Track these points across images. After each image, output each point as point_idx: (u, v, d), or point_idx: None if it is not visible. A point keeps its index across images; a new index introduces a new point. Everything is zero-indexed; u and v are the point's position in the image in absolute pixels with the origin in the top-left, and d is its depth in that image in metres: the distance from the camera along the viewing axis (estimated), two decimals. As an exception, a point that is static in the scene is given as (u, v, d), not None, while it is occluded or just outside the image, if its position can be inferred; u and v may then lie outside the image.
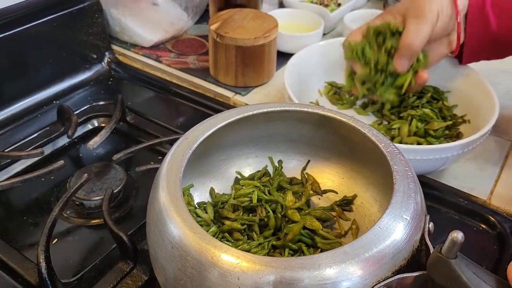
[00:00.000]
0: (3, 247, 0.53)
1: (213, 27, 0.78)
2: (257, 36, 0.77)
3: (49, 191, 0.62)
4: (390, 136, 0.66)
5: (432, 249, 0.36)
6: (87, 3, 0.81)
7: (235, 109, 0.49)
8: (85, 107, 0.75)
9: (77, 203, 0.59)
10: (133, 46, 0.92)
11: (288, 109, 0.50)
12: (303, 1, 1.04)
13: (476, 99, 0.67)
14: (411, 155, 0.56)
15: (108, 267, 0.51)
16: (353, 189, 0.53)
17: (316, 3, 1.03)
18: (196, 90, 0.82)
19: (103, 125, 0.73)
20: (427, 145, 0.63)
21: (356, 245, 0.34)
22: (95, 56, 0.85)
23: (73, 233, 0.57)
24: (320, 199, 0.54)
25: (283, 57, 0.85)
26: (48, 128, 0.71)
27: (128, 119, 0.73)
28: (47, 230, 0.50)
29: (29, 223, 0.58)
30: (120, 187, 0.60)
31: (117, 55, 0.89)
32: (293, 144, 0.56)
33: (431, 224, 0.39)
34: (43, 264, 0.47)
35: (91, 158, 0.68)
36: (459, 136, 0.66)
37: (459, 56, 0.68)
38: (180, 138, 0.46)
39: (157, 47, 0.92)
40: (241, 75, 0.80)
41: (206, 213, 0.50)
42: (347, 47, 0.65)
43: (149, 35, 0.91)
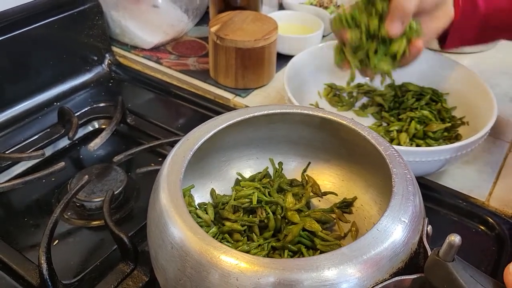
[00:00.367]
0: (4, 248, 0.53)
1: (213, 29, 0.79)
2: (257, 38, 0.77)
3: (50, 193, 0.62)
4: (389, 138, 0.66)
5: (430, 252, 0.36)
6: (87, 5, 0.81)
7: (236, 111, 0.50)
8: (86, 109, 0.76)
9: (78, 204, 0.59)
10: (133, 48, 0.92)
11: (288, 111, 0.50)
12: (303, 3, 1.04)
13: (474, 101, 0.68)
14: (410, 157, 0.56)
15: (108, 268, 0.51)
16: (353, 191, 0.53)
17: (315, 5, 1.03)
18: (196, 92, 0.82)
19: (104, 126, 0.73)
20: (426, 147, 0.63)
21: (354, 247, 0.34)
22: (96, 58, 0.85)
23: (74, 235, 0.57)
24: (320, 201, 0.55)
25: (283, 59, 0.85)
26: (49, 129, 0.71)
27: (128, 121, 0.73)
28: (48, 231, 0.50)
29: (30, 224, 0.58)
30: (120, 189, 0.60)
31: (117, 57, 0.89)
32: (293, 146, 0.56)
33: (429, 227, 0.39)
34: (44, 265, 0.48)
35: (91, 159, 0.68)
36: (458, 138, 0.66)
37: (442, 39, 0.65)
38: (181, 139, 0.46)
39: (157, 49, 0.93)
40: (241, 77, 0.81)
41: (206, 214, 0.50)
42: (336, 19, 0.61)
43: (150, 37, 0.91)
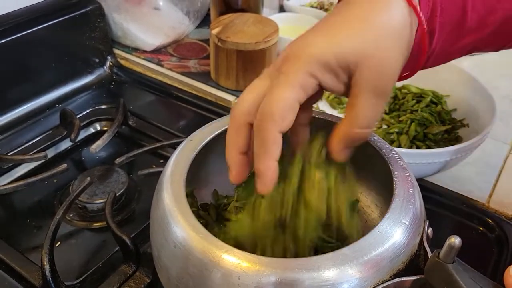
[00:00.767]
0: (7, 250, 0.53)
1: (214, 31, 0.79)
2: (258, 40, 0.78)
3: (52, 195, 0.62)
4: (389, 140, 0.66)
5: (430, 254, 0.36)
6: (89, 8, 0.82)
7: None
8: (88, 111, 0.76)
9: (80, 206, 0.59)
10: (135, 50, 0.93)
11: None
12: (304, 5, 1.05)
13: (474, 103, 0.68)
14: (410, 159, 0.56)
15: (111, 270, 0.51)
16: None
17: (316, 8, 1.04)
18: (197, 94, 0.83)
19: (105, 128, 0.74)
20: (426, 149, 0.63)
21: (355, 248, 0.35)
22: (97, 60, 0.86)
23: (76, 236, 0.57)
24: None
25: (284, 61, 0.85)
26: (51, 131, 0.71)
27: (130, 122, 0.73)
28: (51, 233, 0.51)
29: (32, 226, 0.58)
30: (122, 191, 0.60)
31: (119, 59, 0.90)
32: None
33: (430, 229, 0.39)
34: (47, 266, 0.48)
35: (93, 161, 0.68)
36: (458, 140, 0.67)
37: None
38: (184, 140, 0.46)
39: (158, 51, 0.93)
40: (242, 79, 0.81)
41: (208, 214, 0.50)
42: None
43: (151, 39, 0.92)
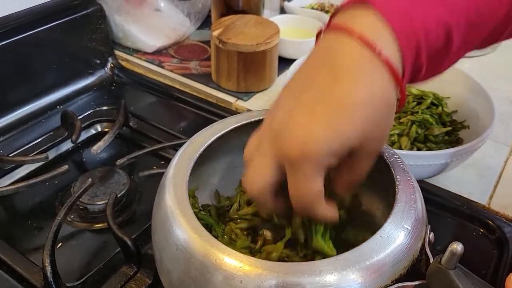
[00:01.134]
0: (8, 251, 0.53)
1: (215, 33, 0.79)
2: (259, 42, 0.78)
3: (53, 196, 0.63)
4: (390, 142, 0.66)
5: (432, 259, 0.36)
6: (90, 10, 0.82)
7: (241, 114, 0.50)
8: (89, 112, 0.76)
9: (81, 207, 0.59)
10: (136, 51, 0.93)
11: None
12: (304, 7, 1.05)
13: (475, 105, 0.68)
14: (411, 160, 0.56)
15: (112, 271, 0.51)
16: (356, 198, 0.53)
17: (317, 9, 1.04)
18: (198, 95, 0.83)
19: (107, 130, 0.74)
20: (427, 150, 0.63)
21: (357, 252, 0.35)
22: (99, 61, 0.86)
23: (77, 237, 0.57)
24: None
25: (285, 62, 0.85)
26: (52, 133, 0.71)
27: (131, 124, 0.73)
28: (52, 234, 0.51)
29: (33, 227, 0.58)
30: (123, 192, 0.60)
31: (120, 61, 0.90)
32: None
33: (432, 234, 0.39)
34: (48, 268, 0.48)
35: (94, 162, 0.68)
36: (458, 141, 0.67)
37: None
38: (186, 142, 0.46)
39: (159, 52, 0.93)
40: (243, 80, 0.81)
41: (210, 216, 0.51)
42: None
43: (152, 41, 0.92)
